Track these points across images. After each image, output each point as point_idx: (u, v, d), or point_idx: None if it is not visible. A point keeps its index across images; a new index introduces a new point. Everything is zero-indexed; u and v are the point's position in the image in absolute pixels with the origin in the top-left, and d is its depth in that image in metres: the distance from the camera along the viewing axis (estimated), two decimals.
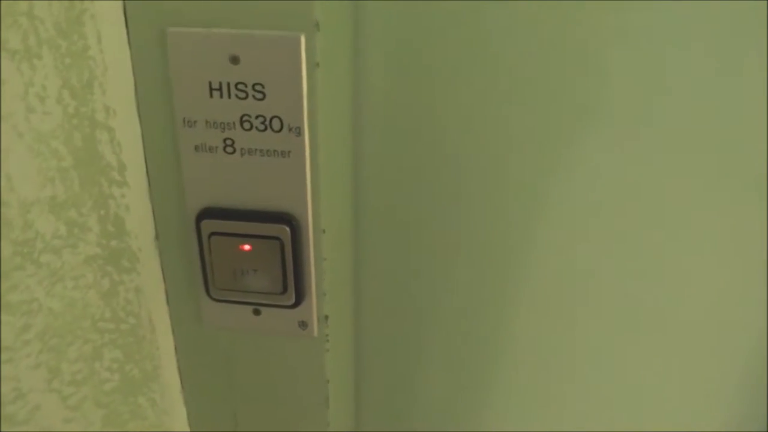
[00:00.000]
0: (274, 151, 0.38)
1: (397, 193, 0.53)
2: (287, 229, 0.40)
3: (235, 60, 0.36)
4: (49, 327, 0.34)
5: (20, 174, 0.31)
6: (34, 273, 0.32)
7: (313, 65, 0.36)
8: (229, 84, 0.37)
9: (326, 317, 0.44)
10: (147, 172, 0.40)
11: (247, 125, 0.38)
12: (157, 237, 0.42)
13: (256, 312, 0.44)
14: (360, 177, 0.52)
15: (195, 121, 0.38)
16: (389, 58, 0.47)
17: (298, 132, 0.37)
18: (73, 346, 0.36)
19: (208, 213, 0.40)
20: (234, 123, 0.38)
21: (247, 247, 0.40)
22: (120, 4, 0.36)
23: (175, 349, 0.47)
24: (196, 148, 0.39)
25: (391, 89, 0.48)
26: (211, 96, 0.37)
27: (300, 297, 0.42)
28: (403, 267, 0.56)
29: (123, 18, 0.36)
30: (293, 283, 0.41)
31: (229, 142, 0.38)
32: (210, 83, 0.37)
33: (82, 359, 0.37)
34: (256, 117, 0.37)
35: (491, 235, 0.53)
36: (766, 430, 0.54)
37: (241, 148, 0.38)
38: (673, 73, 0.45)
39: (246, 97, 0.37)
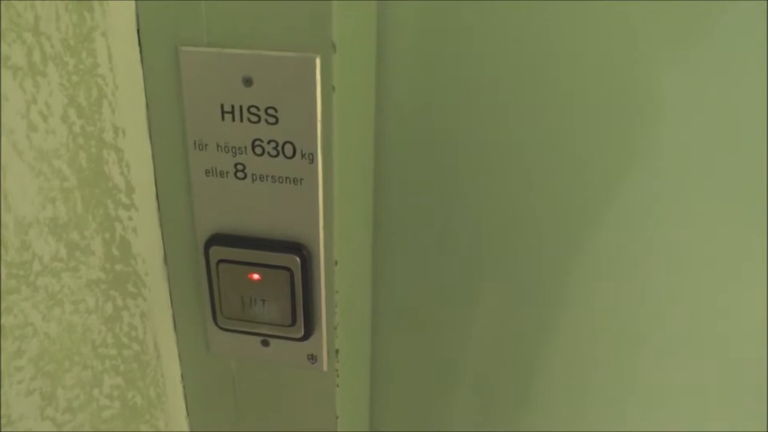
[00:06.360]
0: (286, 177, 0.36)
1: (421, 222, 0.50)
2: (297, 259, 0.38)
3: (248, 82, 0.35)
4: (44, 352, 0.33)
5: (19, 193, 0.30)
6: (29, 296, 0.31)
7: (328, 88, 0.34)
8: (241, 107, 0.35)
9: (337, 351, 0.42)
10: (157, 195, 0.39)
11: (259, 150, 0.36)
12: (165, 261, 0.41)
13: (265, 343, 0.42)
14: (381, 206, 0.50)
15: (206, 145, 0.37)
16: (415, 78, 0.45)
17: (312, 159, 0.36)
18: (71, 372, 0.35)
19: (216, 239, 0.39)
20: (246, 147, 0.36)
21: (255, 276, 0.39)
22: (132, 21, 0.35)
23: (182, 376, 0.45)
24: (207, 172, 0.37)
25: (416, 113, 0.46)
26: (223, 119, 0.36)
27: (309, 330, 0.40)
28: (426, 301, 0.53)
29: (135, 36, 0.35)
30: (302, 316, 0.40)
31: (240, 167, 0.37)
32: (222, 105, 0.35)
33: (79, 385, 0.36)
34: (269, 142, 0.36)
35: (520, 263, 0.50)
36: (766, 430, 0.51)
37: (253, 174, 0.37)
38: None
39: (258, 121, 0.35)
